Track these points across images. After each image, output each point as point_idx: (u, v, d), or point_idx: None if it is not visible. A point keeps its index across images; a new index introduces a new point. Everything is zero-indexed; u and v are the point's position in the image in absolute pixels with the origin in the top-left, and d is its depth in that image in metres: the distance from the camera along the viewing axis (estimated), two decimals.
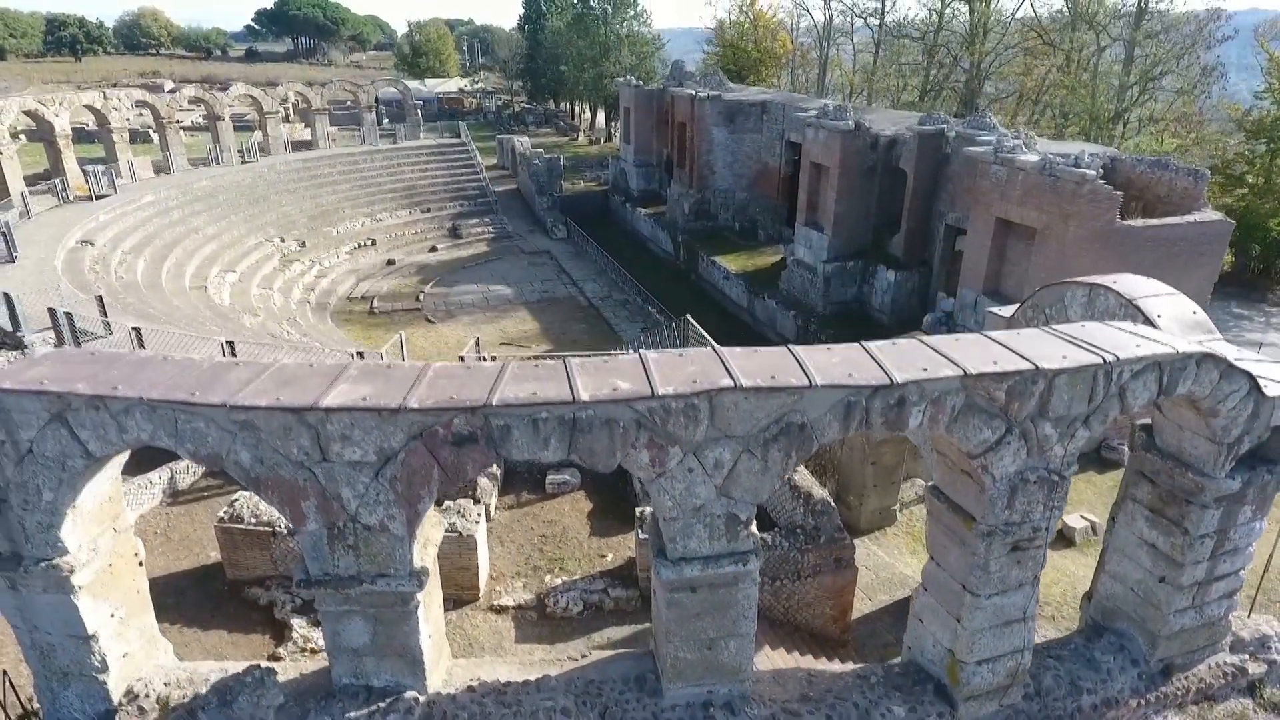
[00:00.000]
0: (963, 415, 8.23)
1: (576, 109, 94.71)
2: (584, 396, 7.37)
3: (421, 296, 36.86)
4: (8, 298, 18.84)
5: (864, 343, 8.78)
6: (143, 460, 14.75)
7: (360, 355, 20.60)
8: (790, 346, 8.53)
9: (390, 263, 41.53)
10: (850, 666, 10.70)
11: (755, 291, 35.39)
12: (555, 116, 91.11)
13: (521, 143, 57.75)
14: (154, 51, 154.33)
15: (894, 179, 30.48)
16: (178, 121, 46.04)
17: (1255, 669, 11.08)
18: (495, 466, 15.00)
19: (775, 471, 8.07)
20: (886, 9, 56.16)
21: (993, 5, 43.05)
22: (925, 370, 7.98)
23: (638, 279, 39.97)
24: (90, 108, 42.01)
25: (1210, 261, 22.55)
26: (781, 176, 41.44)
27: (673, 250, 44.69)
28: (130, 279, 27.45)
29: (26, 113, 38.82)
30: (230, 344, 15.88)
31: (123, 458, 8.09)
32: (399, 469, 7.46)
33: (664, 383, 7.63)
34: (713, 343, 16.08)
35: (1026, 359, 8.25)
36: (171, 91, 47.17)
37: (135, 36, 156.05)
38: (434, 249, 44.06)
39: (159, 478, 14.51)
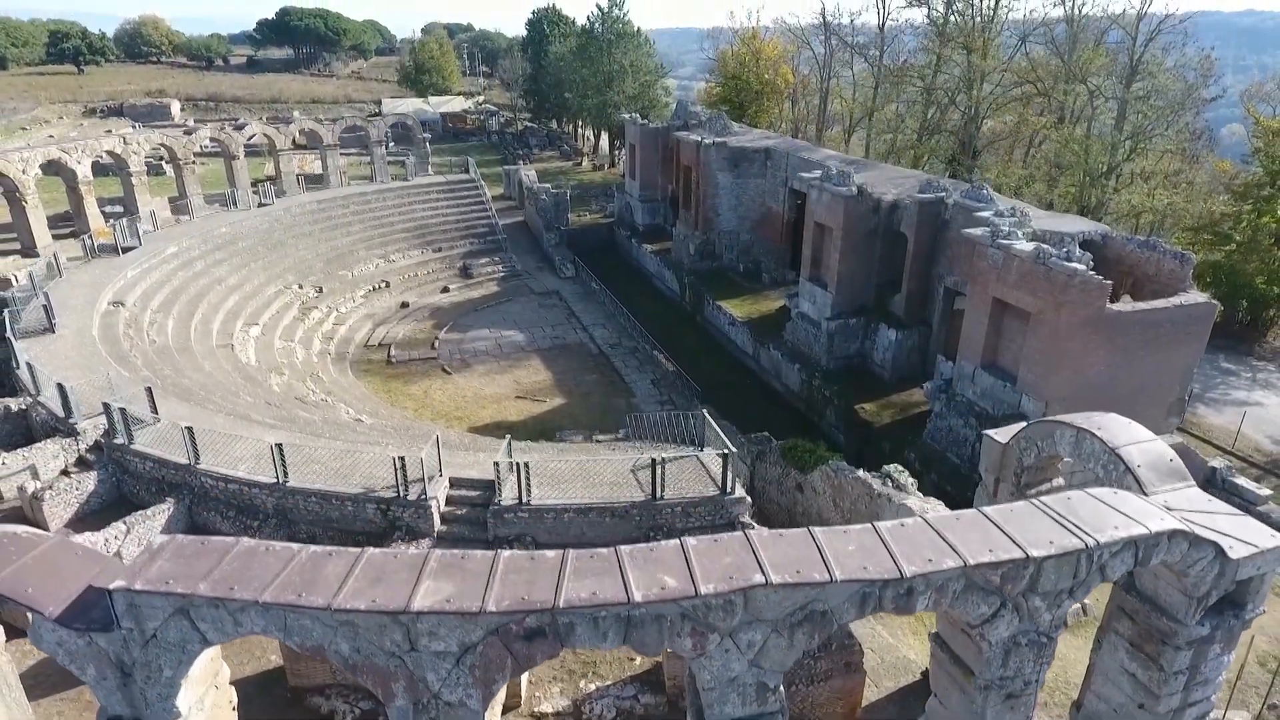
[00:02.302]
0: (963, 595, 9.46)
1: (580, 131, 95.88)
2: (637, 597, 8.55)
3: (436, 343, 37.99)
4: (61, 389, 19.96)
5: (875, 525, 9.97)
6: None
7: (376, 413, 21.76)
8: (812, 531, 9.75)
9: (404, 305, 42.66)
10: None
11: (761, 340, 36.58)
12: (559, 139, 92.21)
13: (528, 175, 58.88)
14: (155, 60, 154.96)
15: (895, 241, 31.69)
16: (194, 161, 47.19)
17: None
18: None
19: (800, 647, 9.27)
20: (886, 44, 57.48)
21: (989, 55, 44.22)
22: (930, 561, 9.20)
23: (645, 321, 41.15)
24: (111, 153, 43.06)
25: (1195, 341, 23.78)
26: (785, 222, 42.65)
27: (678, 290, 45.87)
28: (163, 342, 28.58)
29: (50, 160, 39.92)
30: (279, 447, 17.02)
31: None
32: (477, 658, 8.65)
33: (704, 578, 8.83)
34: (729, 446, 17.22)
35: (1019, 545, 9.48)
36: (188, 133, 48.16)
37: (136, 45, 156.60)
38: (446, 289, 45.19)
39: None
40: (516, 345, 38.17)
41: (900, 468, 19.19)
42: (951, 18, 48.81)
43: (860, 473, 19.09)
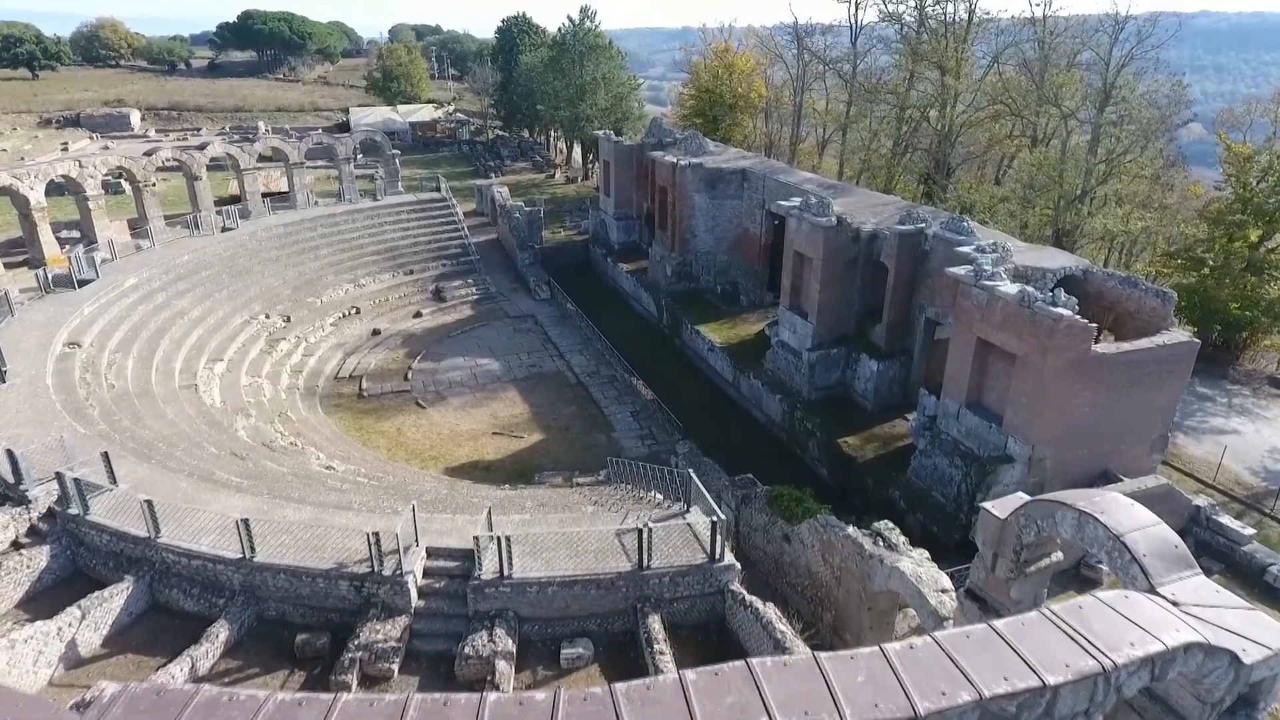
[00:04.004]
0: None
1: (553, 142, 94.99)
2: None
3: (410, 374, 37.06)
4: (10, 455, 18.87)
5: (884, 647, 9.45)
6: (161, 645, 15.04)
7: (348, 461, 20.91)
8: (818, 659, 9.18)
9: (376, 333, 41.62)
10: None
11: (741, 369, 36.14)
12: (531, 149, 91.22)
13: (501, 193, 57.97)
14: (114, 64, 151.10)
15: (875, 270, 31.40)
16: (153, 184, 45.70)
17: None
18: (511, 644, 15.50)
19: None
20: (859, 59, 57.38)
21: (962, 75, 44.23)
22: (945, 694, 8.69)
23: (623, 345, 40.56)
24: (66, 177, 41.48)
25: (1178, 379, 23.73)
26: (762, 244, 42.31)
27: (655, 312, 45.34)
28: (122, 386, 27.39)
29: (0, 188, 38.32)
30: (245, 523, 16.15)
31: None
32: None
33: None
34: (717, 510, 16.67)
35: (1034, 671, 9.02)
36: (149, 153, 46.59)
37: (94, 49, 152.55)
38: (419, 314, 44.20)
39: (179, 670, 14.78)
40: (492, 375, 37.35)
41: (890, 524, 18.79)
42: (924, 35, 48.80)
43: (851, 530, 18.67)
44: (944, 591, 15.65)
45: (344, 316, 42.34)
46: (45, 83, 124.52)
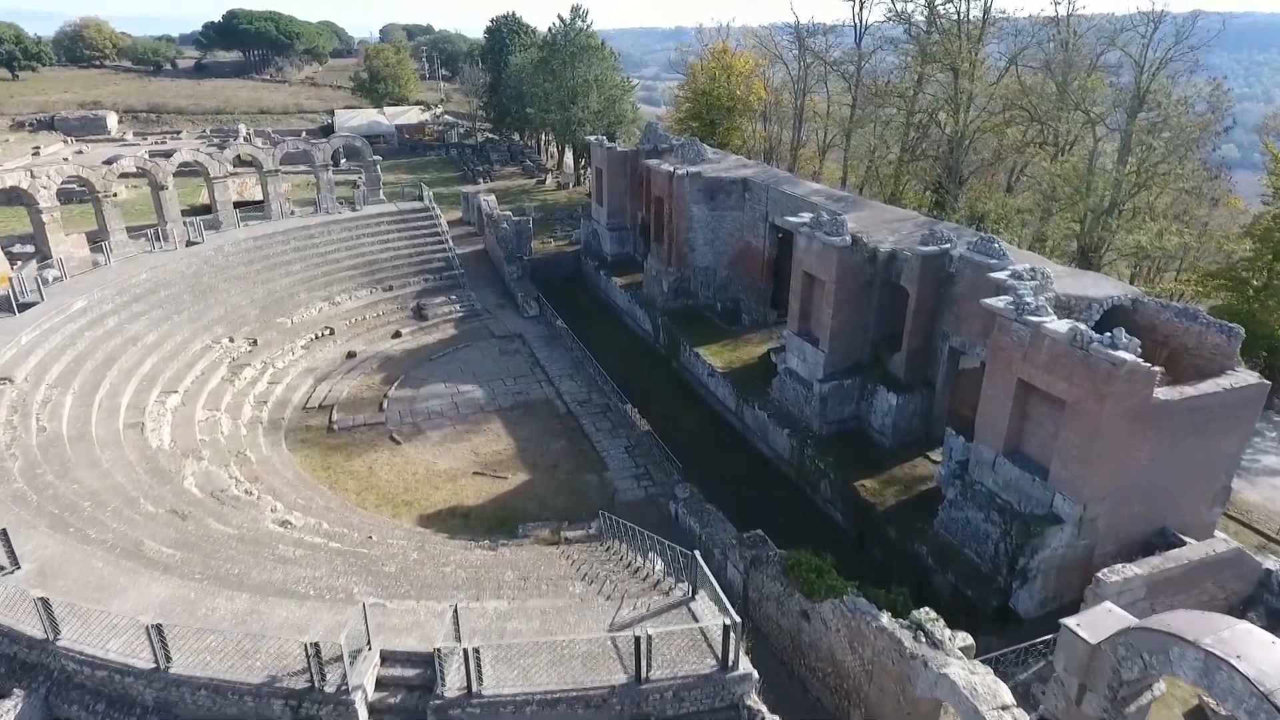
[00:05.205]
0: None
1: (544, 146, 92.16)
2: None
3: (385, 404, 34.12)
4: None
5: None
6: None
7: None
8: None
9: (351, 355, 38.62)
10: None
11: (745, 397, 33.31)
12: (522, 153, 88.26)
13: (488, 201, 55.03)
14: (98, 65, 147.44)
15: (894, 293, 28.61)
16: (114, 194, 42.68)
17: None
18: None
19: None
20: (863, 60, 54.64)
21: (977, 78, 41.50)
22: None
23: (617, 367, 37.73)
24: (17, 188, 38.39)
25: (1245, 424, 21.04)
26: (766, 258, 39.50)
27: (651, 331, 42.50)
28: (55, 429, 24.41)
29: None
30: (159, 629, 13.28)
31: None
32: None
33: None
34: (730, 610, 13.85)
35: None
36: (109, 161, 43.59)
37: (78, 49, 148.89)
38: (398, 334, 41.24)
39: None
40: (475, 404, 34.42)
41: (933, 615, 15.96)
42: (935, 35, 46.04)
43: (885, 621, 15.83)
44: (1004, 709, 12.83)
45: (317, 338, 39.35)
46: (24, 84, 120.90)
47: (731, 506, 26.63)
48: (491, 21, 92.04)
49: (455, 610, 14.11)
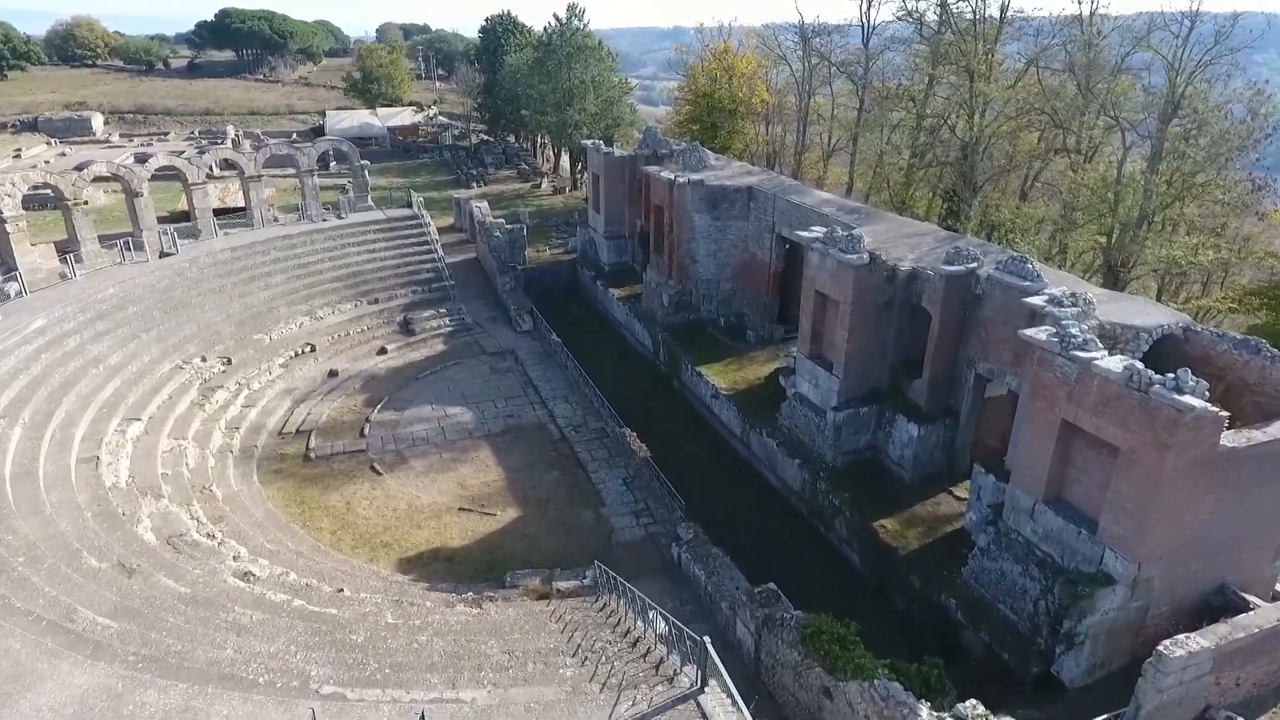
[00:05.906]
0: None
1: (540, 147, 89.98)
2: None
3: (367, 429, 31.92)
4: None
5: None
6: None
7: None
8: None
9: (332, 374, 36.41)
10: None
11: (751, 422, 31.15)
12: (516, 156, 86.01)
13: (480, 208, 52.86)
14: (90, 64, 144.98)
15: (914, 314, 26.45)
16: (84, 202, 40.40)
17: None
18: None
19: None
20: (871, 61, 52.48)
21: (994, 80, 39.34)
22: None
23: (613, 385, 35.54)
24: None
25: None
26: (772, 272, 37.30)
27: (651, 347, 40.31)
28: None
29: None
30: None
31: None
32: None
33: None
34: (734, 691, 11.72)
35: None
36: (80, 168, 41.26)
37: (69, 48, 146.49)
38: (383, 350, 39.01)
39: None
40: (463, 429, 32.22)
41: (981, 709, 13.77)
42: (948, 34, 43.88)
43: (925, 715, 13.65)
44: None
45: (296, 355, 37.10)
46: (11, 84, 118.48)
47: (738, 543, 24.54)
48: (486, 21, 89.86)
49: (423, 715, 11.92)
